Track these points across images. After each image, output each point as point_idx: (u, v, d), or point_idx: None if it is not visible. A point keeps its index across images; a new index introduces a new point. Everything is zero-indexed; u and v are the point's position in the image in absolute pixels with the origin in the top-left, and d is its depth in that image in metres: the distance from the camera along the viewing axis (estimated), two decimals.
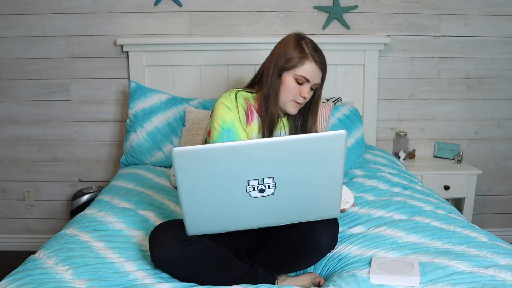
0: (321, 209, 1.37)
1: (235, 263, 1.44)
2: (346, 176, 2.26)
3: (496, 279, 1.28)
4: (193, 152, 1.21)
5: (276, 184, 1.27)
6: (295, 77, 1.58)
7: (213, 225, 1.35)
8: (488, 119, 2.90)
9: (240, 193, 1.27)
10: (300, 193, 1.31)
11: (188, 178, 1.24)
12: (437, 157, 2.90)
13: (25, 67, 2.74)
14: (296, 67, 1.58)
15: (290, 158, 1.24)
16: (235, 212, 1.32)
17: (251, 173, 1.24)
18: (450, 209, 1.85)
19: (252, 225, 1.37)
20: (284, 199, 1.30)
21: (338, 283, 1.31)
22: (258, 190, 1.27)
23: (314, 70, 1.59)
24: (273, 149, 1.22)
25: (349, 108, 2.56)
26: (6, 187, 2.90)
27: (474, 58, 2.81)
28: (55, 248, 1.48)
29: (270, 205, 1.31)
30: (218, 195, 1.28)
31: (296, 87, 1.59)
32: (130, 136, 2.54)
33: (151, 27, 2.71)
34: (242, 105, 1.63)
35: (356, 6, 2.70)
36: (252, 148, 1.21)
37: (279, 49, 1.63)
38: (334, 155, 1.26)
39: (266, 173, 1.25)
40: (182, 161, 1.21)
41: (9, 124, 2.82)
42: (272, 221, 1.37)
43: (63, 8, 2.67)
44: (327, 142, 1.24)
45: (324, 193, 1.33)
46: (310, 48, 1.60)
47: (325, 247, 1.44)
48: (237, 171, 1.24)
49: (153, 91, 2.58)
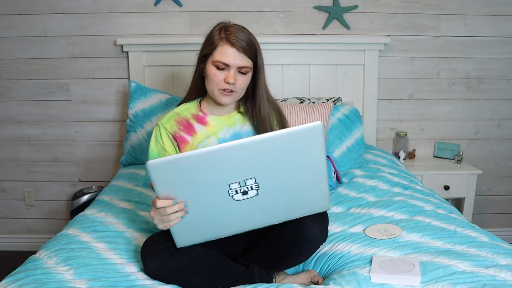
0: (309, 203, 1.34)
1: (230, 267, 1.44)
2: (346, 176, 2.26)
3: (497, 279, 1.28)
4: (169, 162, 1.17)
5: (259, 184, 1.24)
6: (214, 63, 1.51)
7: (202, 234, 1.32)
8: (488, 119, 2.91)
9: (223, 198, 1.24)
10: (284, 190, 1.28)
11: (168, 190, 1.22)
12: (437, 157, 2.90)
13: (25, 67, 2.73)
14: (212, 52, 1.52)
15: (268, 156, 1.21)
16: (222, 218, 1.29)
17: (231, 176, 1.21)
18: (451, 209, 1.85)
19: (243, 228, 1.35)
20: (269, 198, 1.28)
21: (339, 281, 1.31)
22: (241, 192, 1.24)
23: (229, 52, 1.49)
24: (249, 149, 1.19)
25: (349, 108, 2.57)
26: (6, 187, 2.90)
27: (474, 58, 2.82)
28: (56, 248, 1.48)
29: (256, 206, 1.28)
30: (202, 203, 1.25)
31: (217, 73, 1.51)
32: (130, 136, 2.54)
33: (151, 27, 2.71)
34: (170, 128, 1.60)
35: (356, 6, 2.70)
36: (228, 151, 1.18)
37: (204, 38, 1.59)
38: (313, 148, 1.23)
39: (247, 175, 1.22)
40: (159, 173, 1.18)
41: (9, 124, 2.81)
42: (262, 222, 1.34)
43: (63, 8, 2.67)
44: (304, 135, 1.20)
45: (309, 187, 1.30)
46: (223, 31, 1.52)
47: (315, 239, 1.44)
48: (217, 176, 1.21)
49: (153, 91, 2.58)
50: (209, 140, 1.61)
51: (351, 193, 2.05)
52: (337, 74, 2.76)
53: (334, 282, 1.32)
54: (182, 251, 1.35)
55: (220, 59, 1.50)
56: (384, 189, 2.05)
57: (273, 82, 2.64)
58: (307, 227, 1.41)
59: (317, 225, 1.44)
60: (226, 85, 1.52)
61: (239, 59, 1.50)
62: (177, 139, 1.59)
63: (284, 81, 2.74)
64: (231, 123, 1.64)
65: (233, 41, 1.49)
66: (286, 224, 1.44)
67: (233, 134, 1.62)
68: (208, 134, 1.61)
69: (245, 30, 1.55)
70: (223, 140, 1.61)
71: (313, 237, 1.43)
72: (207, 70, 1.55)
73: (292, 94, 2.73)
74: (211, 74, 1.53)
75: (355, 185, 2.12)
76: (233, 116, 1.65)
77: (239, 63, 1.51)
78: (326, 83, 2.76)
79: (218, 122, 1.63)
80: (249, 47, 1.51)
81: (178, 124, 1.61)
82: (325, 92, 2.76)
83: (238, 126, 1.64)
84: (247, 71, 1.53)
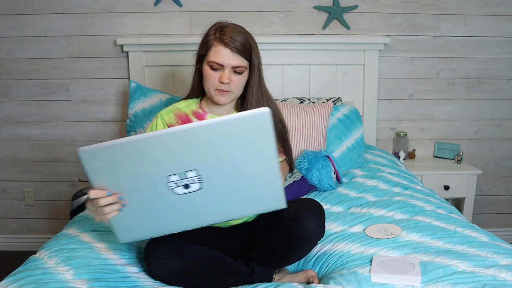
0: (261, 200, 1.20)
1: (232, 266, 1.44)
2: (346, 176, 2.26)
3: (497, 279, 1.28)
4: (100, 150, 1.07)
5: (202, 177, 1.12)
6: (208, 64, 1.52)
7: (144, 230, 1.21)
8: (488, 119, 2.91)
9: (162, 191, 1.12)
10: (231, 184, 1.15)
11: (102, 180, 1.10)
12: (437, 157, 2.90)
13: (25, 67, 2.73)
14: (207, 53, 1.53)
15: (210, 145, 1.08)
16: (165, 213, 1.17)
17: (169, 167, 1.09)
18: (451, 209, 1.85)
19: (190, 225, 1.22)
20: (215, 193, 1.15)
21: (339, 281, 1.31)
22: (183, 186, 1.12)
23: (223, 52, 1.50)
24: (188, 137, 1.07)
25: (349, 108, 2.57)
26: (6, 187, 2.90)
27: (474, 58, 2.82)
28: (56, 248, 1.48)
29: (201, 201, 1.15)
30: (139, 196, 1.13)
31: (212, 73, 1.52)
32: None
33: (151, 27, 2.71)
34: (168, 120, 1.62)
35: (356, 6, 2.70)
36: (164, 139, 1.06)
37: (201, 39, 1.59)
38: (260, 137, 1.09)
39: (187, 166, 1.10)
40: (91, 161, 1.08)
41: (9, 124, 2.81)
42: (211, 219, 1.22)
43: (63, 8, 2.67)
44: (249, 123, 1.07)
45: (260, 182, 1.16)
46: (218, 31, 1.52)
47: (312, 235, 1.44)
48: (153, 167, 1.09)
49: (153, 91, 2.58)
50: None
51: (351, 193, 2.05)
52: (337, 74, 2.76)
53: (334, 281, 1.32)
54: (186, 251, 1.35)
55: (214, 59, 1.51)
56: (384, 189, 2.05)
57: (273, 82, 2.66)
58: (304, 224, 1.42)
59: (314, 221, 1.44)
60: (221, 85, 1.52)
61: (233, 59, 1.51)
62: None
63: (284, 81, 2.74)
64: None
65: (227, 41, 1.49)
66: (282, 221, 1.45)
67: None
68: None
69: (241, 29, 1.55)
70: None
71: (310, 234, 1.43)
72: (203, 70, 1.56)
73: (292, 94, 2.73)
74: (206, 74, 1.54)
75: (355, 185, 2.12)
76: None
77: (233, 63, 1.51)
78: (326, 83, 2.76)
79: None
80: (243, 47, 1.51)
81: (177, 118, 1.62)
82: (325, 92, 2.76)
83: None
84: (242, 71, 1.54)
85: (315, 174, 2.06)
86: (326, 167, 2.09)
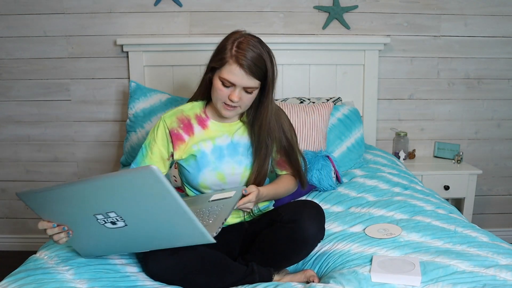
0: (186, 237, 1.25)
1: (232, 266, 1.44)
2: (346, 176, 2.26)
3: (497, 279, 1.28)
4: (32, 194, 1.19)
5: (123, 217, 1.19)
6: (220, 79, 1.48)
7: (98, 249, 1.33)
8: (488, 119, 2.91)
9: (96, 225, 1.22)
10: (150, 224, 1.21)
11: (47, 215, 1.24)
12: (437, 157, 2.90)
13: (25, 67, 2.73)
14: (220, 68, 1.48)
15: (114, 195, 1.15)
16: (108, 240, 1.28)
17: (92, 209, 1.19)
18: (451, 209, 1.85)
19: (133, 250, 1.34)
20: (139, 229, 1.23)
21: (339, 280, 1.31)
22: (110, 222, 1.21)
23: (236, 72, 1.45)
24: (91, 188, 1.14)
25: (349, 108, 2.57)
26: (6, 187, 2.90)
27: (474, 58, 2.82)
28: (56, 248, 1.48)
29: (132, 234, 1.24)
30: (80, 227, 1.26)
31: (223, 89, 1.49)
32: (130, 136, 2.54)
33: (151, 27, 2.71)
34: (169, 124, 1.59)
35: (356, 6, 2.70)
36: (74, 189, 1.15)
37: (217, 46, 1.54)
38: (154, 189, 1.12)
39: (106, 208, 1.18)
40: (30, 201, 1.22)
41: (9, 124, 2.81)
42: (149, 246, 1.30)
43: (63, 8, 2.67)
44: (136, 179, 1.11)
45: (175, 225, 1.21)
46: (237, 48, 1.46)
47: (312, 238, 1.45)
48: (80, 208, 1.19)
49: (153, 91, 2.58)
50: (205, 144, 1.61)
51: (351, 192, 2.05)
52: (337, 74, 2.76)
53: (334, 281, 1.32)
54: (185, 251, 1.35)
55: (227, 77, 1.47)
56: (384, 189, 2.05)
57: None
58: (304, 227, 1.42)
59: (313, 224, 1.44)
60: (230, 102, 1.50)
61: (246, 80, 1.47)
62: (173, 136, 1.59)
63: (284, 81, 2.74)
64: (231, 132, 1.64)
65: (242, 62, 1.44)
66: (282, 223, 1.45)
67: (229, 143, 1.62)
68: (204, 138, 1.61)
69: (258, 46, 1.49)
70: (219, 147, 1.61)
71: (310, 237, 1.44)
72: (214, 83, 1.52)
73: (292, 94, 2.73)
74: (216, 88, 1.50)
75: (355, 185, 2.12)
76: (234, 125, 1.65)
77: (246, 84, 1.48)
78: (326, 83, 2.76)
79: (218, 128, 1.63)
80: (257, 68, 1.47)
81: (179, 122, 1.61)
82: (325, 92, 2.76)
83: (237, 136, 1.63)
84: (252, 91, 1.51)
85: (315, 174, 2.06)
86: (326, 167, 2.09)
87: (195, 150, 1.60)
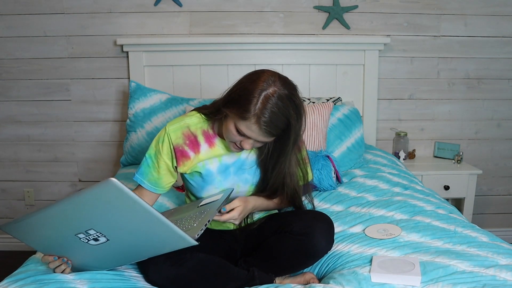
0: (168, 243, 1.24)
1: (233, 271, 1.43)
2: (346, 176, 2.26)
3: (497, 279, 1.28)
4: (12, 226, 1.21)
5: (102, 232, 1.20)
6: (236, 126, 1.38)
7: (96, 267, 1.34)
8: (488, 119, 2.91)
9: (81, 244, 1.24)
10: (131, 235, 1.21)
11: (31, 242, 1.26)
12: (437, 157, 2.90)
13: (25, 67, 2.73)
14: (238, 117, 1.35)
15: (88, 212, 1.15)
16: (99, 257, 1.30)
17: (72, 229, 1.20)
18: (451, 209, 1.85)
19: (124, 262, 1.36)
20: (123, 241, 1.23)
21: (339, 280, 1.31)
22: (93, 239, 1.22)
23: (254, 128, 1.35)
24: (65, 209, 1.14)
25: (349, 108, 2.57)
26: (6, 187, 2.90)
27: (474, 58, 2.82)
28: None
29: (118, 247, 1.25)
30: (69, 250, 1.28)
31: (236, 135, 1.40)
32: (130, 136, 2.54)
33: (151, 27, 2.71)
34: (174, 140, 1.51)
35: (356, 6, 2.70)
36: (48, 213, 1.15)
37: (242, 83, 1.40)
38: (120, 202, 1.12)
39: (84, 226, 1.18)
40: (16, 233, 1.23)
41: (9, 124, 2.81)
42: (141, 256, 1.31)
43: (63, 8, 2.67)
44: (100, 194, 1.10)
45: (154, 231, 1.20)
46: (261, 105, 1.32)
47: (321, 251, 1.45)
48: (61, 230, 1.20)
49: (153, 91, 2.58)
50: (211, 162, 1.55)
51: (351, 192, 2.05)
52: (337, 74, 2.76)
53: (334, 281, 1.32)
54: (185, 259, 1.35)
55: (243, 130, 1.37)
56: (384, 189, 2.05)
57: None
58: (315, 242, 1.42)
59: (324, 238, 1.44)
60: (241, 146, 1.44)
61: (262, 137, 1.38)
62: (177, 152, 1.52)
63: None
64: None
65: (263, 124, 1.33)
66: (291, 235, 1.44)
67: (236, 161, 1.56)
68: (210, 156, 1.55)
69: (286, 103, 1.34)
70: (225, 165, 1.55)
71: (320, 251, 1.45)
72: (227, 122, 1.41)
73: None
74: (229, 130, 1.40)
75: (355, 185, 2.13)
76: None
77: (261, 140, 1.40)
78: (326, 83, 2.77)
79: (225, 146, 1.55)
80: (277, 129, 1.36)
81: (185, 138, 1.53)
82: (325, 92, 2.76)
83: (244, 153, 1.57)
84: (265, 143, 1.46)
85: (315, 174, 2.06)
86: (326, 167, 2.09)
87: (200, 167, 1.54)
